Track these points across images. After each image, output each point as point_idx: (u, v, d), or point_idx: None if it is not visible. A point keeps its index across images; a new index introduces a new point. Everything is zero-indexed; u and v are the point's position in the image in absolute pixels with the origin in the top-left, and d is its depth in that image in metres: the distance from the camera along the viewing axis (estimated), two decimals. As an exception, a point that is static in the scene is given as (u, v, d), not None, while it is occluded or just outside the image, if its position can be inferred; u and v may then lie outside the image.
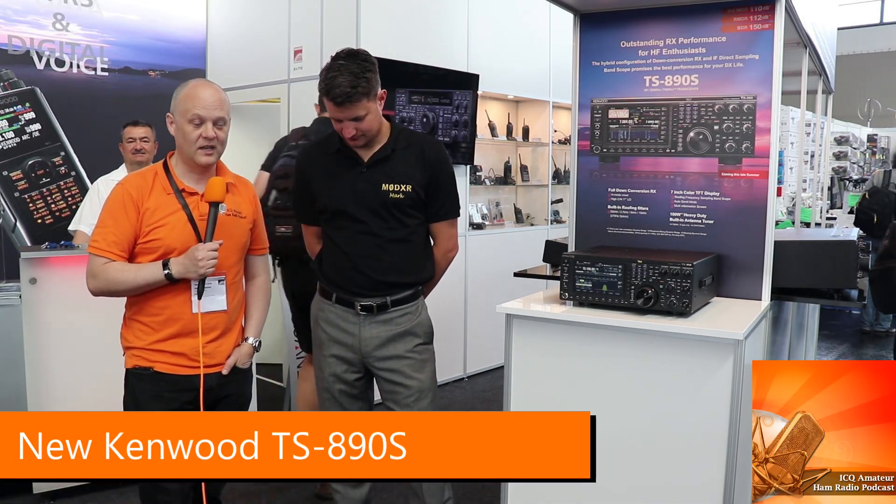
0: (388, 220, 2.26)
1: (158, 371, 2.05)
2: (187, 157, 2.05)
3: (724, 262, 2.43)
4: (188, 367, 2.06)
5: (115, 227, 2.01)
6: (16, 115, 4.57)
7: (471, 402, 4.75)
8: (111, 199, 2.05)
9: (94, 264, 2.02)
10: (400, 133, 2.30)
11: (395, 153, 2.26)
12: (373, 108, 2.17)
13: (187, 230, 2.04)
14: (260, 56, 4.96)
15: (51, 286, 3.12)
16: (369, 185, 2.25)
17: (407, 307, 2.33)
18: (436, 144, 2.37)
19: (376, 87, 2.18)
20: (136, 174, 2.11)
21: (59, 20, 4.76)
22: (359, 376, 2.37)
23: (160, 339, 2.05)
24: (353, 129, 2.17)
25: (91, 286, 2.04)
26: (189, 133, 2.01)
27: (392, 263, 2.28)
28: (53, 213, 4.71)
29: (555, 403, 2.25)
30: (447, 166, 2.35)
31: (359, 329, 2.31)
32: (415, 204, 2.28)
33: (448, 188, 2.35)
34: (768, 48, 2.33)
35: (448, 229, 2.41)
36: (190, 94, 2.03)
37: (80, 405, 3.17)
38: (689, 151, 2.47)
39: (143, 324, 2.06)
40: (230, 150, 2.20)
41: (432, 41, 4.82)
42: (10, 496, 3.22)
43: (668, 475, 2.09)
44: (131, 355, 2.09)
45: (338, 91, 2.10)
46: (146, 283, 2.01)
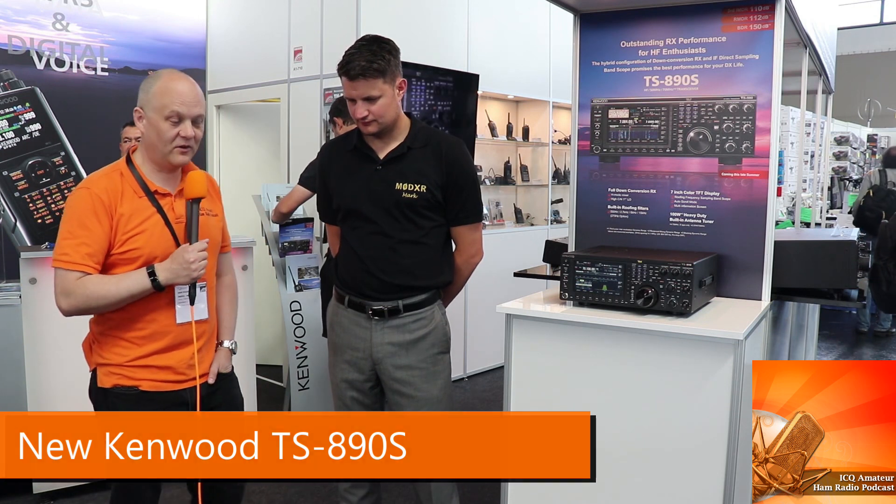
0: (400, 220, 2.17)
1: (145, 390, 1.90)
2: (160, 156, 1.88)
3: (724, 262, 2.43)
4: (175, 381, 1.94)
5: (87, 236, 1.80)
6: (16, 115, 4.57)
7: (471, 402, 4.74)
8: (77, 205, 1.83)
9: (65, 281, 1.80)
10: (419, 131, 2.22)
11: (411, 151, 2.19)
12: (388, 91, 2.11)
13: (166, 235, 1.89)
14: (260, 56, 4.96)
15: (51, 286, 3.06)
16: (383, 183, 2.17)
17: (420, 312, 2.24)
18: (455, 143, 2.26)
19: (395, 72, 2.13)
20: (100, 176, 1.90)
21: (59, 20, 4.76)
22: (372, 384, 2.29)
23: (144, 355, 1.90)
24: (366, 110, 2.10)
25: (64, 306, 1.82)
26: (165, 131, 1.84)
27: (404, 266, 2.20)
28: (53, 213, 4.71)
29: (555, 403, 2.25)
30: (467, 167, 2.25)
31: (370, 334, 2.23)
32: (430, 205, 2.19)
33: (469, 190, 2.24)
34: (768, 48, 2.33)
35: (470, 234, 2.30)
36: (166, 89, 1.84)
37: (80, 405, 3.15)
38: (689, 151, 2.47)
39: (123, 339, 1.90)
40: (230, 150, 2.19)
41: (432, 41, 4.82)
42: (10, 496, 3.22)
43: (668, 475, 2.09)
44: (108, 373, 1.90)
45: (353, 64, 2.06)
46: (129, 294, 1.82)
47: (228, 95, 5.17)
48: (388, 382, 2.26)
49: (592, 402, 2.19)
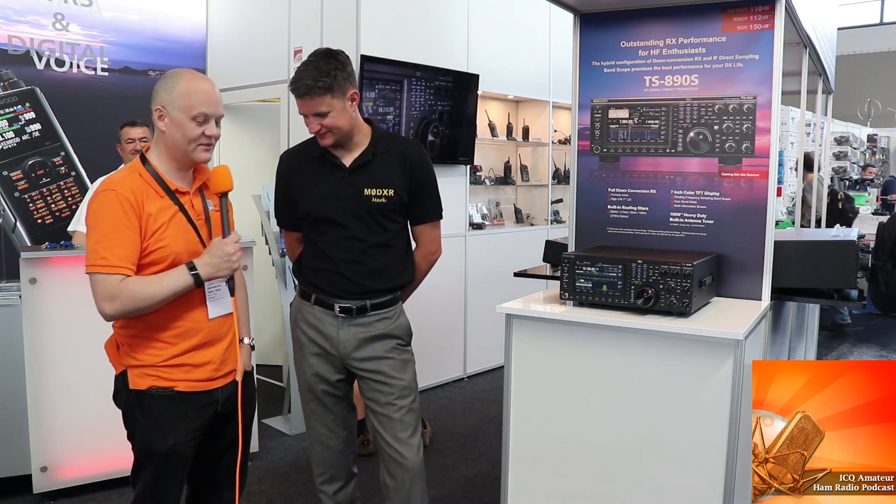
0: (370, 225, 2.28)
1: (181, 391, 1.91)
2: (182, 154, 1.91)
3: (724, 262, 2.43)
4: (209, 380, 1.96)
5: (120, 238, 1.79)
6: (16, 115, 4.57)
7: (471, 402, 4.75)
8: (106, 207, 1.81)
9: (107, 285, 1.77)
10: (380, 137, 2.33)
11: (377, 157, 2.29)
12: (337, 104, 2.19)
13: (190, 233, 1.92)
14: (260, 56, 4.96)
15: (51, 286, 3.12)
16: (352, 190, 2.26)
17: (385, 312, 2.34)
18: (416, 147, 2.39)
19: (343, 86, 2.20)
20: (123, 176, 1.89)
21: (59, 20, 4.75)
22: (341, 377, 2.38)
23: (179, 353, 1.90)
24: (318, 124, 2.20)
25: (109, 310, 1.79)
26: (191, 130, 1.87)
27: (375, 268, 2.30)
28: (53, 213, 4.71)
29: (555, 403, 2.25)
30: (428, 168, 2.37)
31: (336, 331, 2.32)
32: (397, 208, 2.30)
33: (430, 190, 2.37)
34: (768, 48, 2.33)
35: (431, 231, 2.43)
36: (192, 89, 1.88)
37: (79, 405, 3.17)
38: (689, 151, 2.47)
39: (158, 339, 1.90)
40: (230, 150, 2.19)
41: (432, 41, 4.82)
42: (10, 496, 3.23)
43: (668, 475, 2.09)
44: (143, 374, 1.90)
45: (300, 83, 2.17)
46: (173, 292, 1.83)
47: (228, 95, 5.16)
48: (362, 374, 2.35)
49: (592, 402, 2.19)
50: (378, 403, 2.33)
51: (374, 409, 2.34)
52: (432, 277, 2.61)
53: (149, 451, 1.92)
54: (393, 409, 2.31)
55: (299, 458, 3.75)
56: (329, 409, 2.40)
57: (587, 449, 2.20)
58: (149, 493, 1.95)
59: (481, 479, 3.53)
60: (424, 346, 4.42)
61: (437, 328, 4.94)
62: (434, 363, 4.95)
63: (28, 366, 3.10)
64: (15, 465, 3.21)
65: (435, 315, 4.89)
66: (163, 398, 1.90)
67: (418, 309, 3.10)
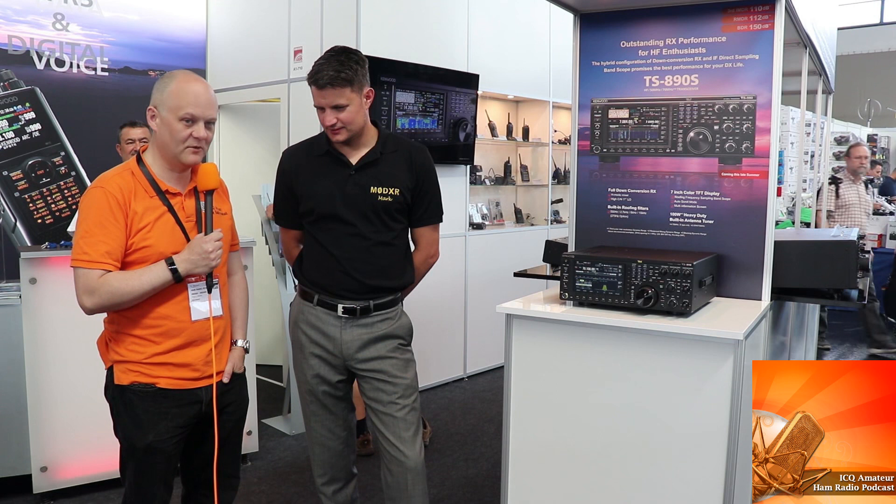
0: (375, 223, 2.28)
1: (162, 387, 1.92)
2: (171, 154, 1.92)
3: (724, 262, 2.43)
4: (192, 379, 1.97)
5: (103, 234, 1.83)
6: (16, 115, 4.57)
7: (471, 401, 4.75)
8: (93, 204, 1.85)
9: (87, 279, 1.82)
10: (387, 138, 2.35)
11: (384, 157, 2.30)
12: (356, 100, 2.20)
13: (177, 234, 1.93)
14: (260, 56, 4.96)
15: (51, 286, 3.12)
16: (358, 187, 2.27)
17: (387, 312, 2.35)
18: (422, 150, 2.41)
19: (362, 81, 2.21)
20: (113, 175, 1.92)
21: (59, 20, 4.76)
22: (342, 378, 2.38)
23: (162, 352, 1.92)
24: (335, 118, 2.19)
25: (88, 304, 1.84)
26: (179, 131, 1.88)
27: (379, 267, 2.31)
28: (53, 213, 4.71)
29: (555, 403, 2.25)
30: (433, 172, 2.40)
31: (339, 332, 2.32)
32: (401, 208, 2.32)
33: (433, 193, 2.40)
34: (768, 48, 2.33)
35: (431, 234, 2.44)
36: (182, 90, 1.88)
37: (79, 405, 3.17)
38: (689, 151, 2.47)
39: (139, 337, 1.92)
40: (230, 150, 2.20)
41: (432, 41, 4.82)
42: (10, 496, 3.23)
43: (668, 475, 2.09)
44: (126, 370, 1.92)
45: (322, 74, 2.16)
46: (151, 287, 1.86)
47: (228, 95, 5.17)
48: (363, 373, 2.34)
49: (592, 402, 2.19)
50: (381, 403, 2.33)
51: (376, 409, 2.34)
52: (432, 277, 2.61)
53: (130, 447, 1.94)
54: (396, 408, 2.31)
55: (299, 458, 3.75)
56: (329, 410, 2.40)
57: (587, 449, 2.20)
58: (133, 489, 1.96)
59: (481, 479, 3.53)
60: (424, 346, 4.42)
61: (437, 328, 4.94)
62: (434, 363, 4.95)
63: (28, 366, 3.10)
64: (15, 465, 3.21)
65: (435, 315, 4.89)
66: (144, 394, 1.92)
67: (418, 309, 3.11)
